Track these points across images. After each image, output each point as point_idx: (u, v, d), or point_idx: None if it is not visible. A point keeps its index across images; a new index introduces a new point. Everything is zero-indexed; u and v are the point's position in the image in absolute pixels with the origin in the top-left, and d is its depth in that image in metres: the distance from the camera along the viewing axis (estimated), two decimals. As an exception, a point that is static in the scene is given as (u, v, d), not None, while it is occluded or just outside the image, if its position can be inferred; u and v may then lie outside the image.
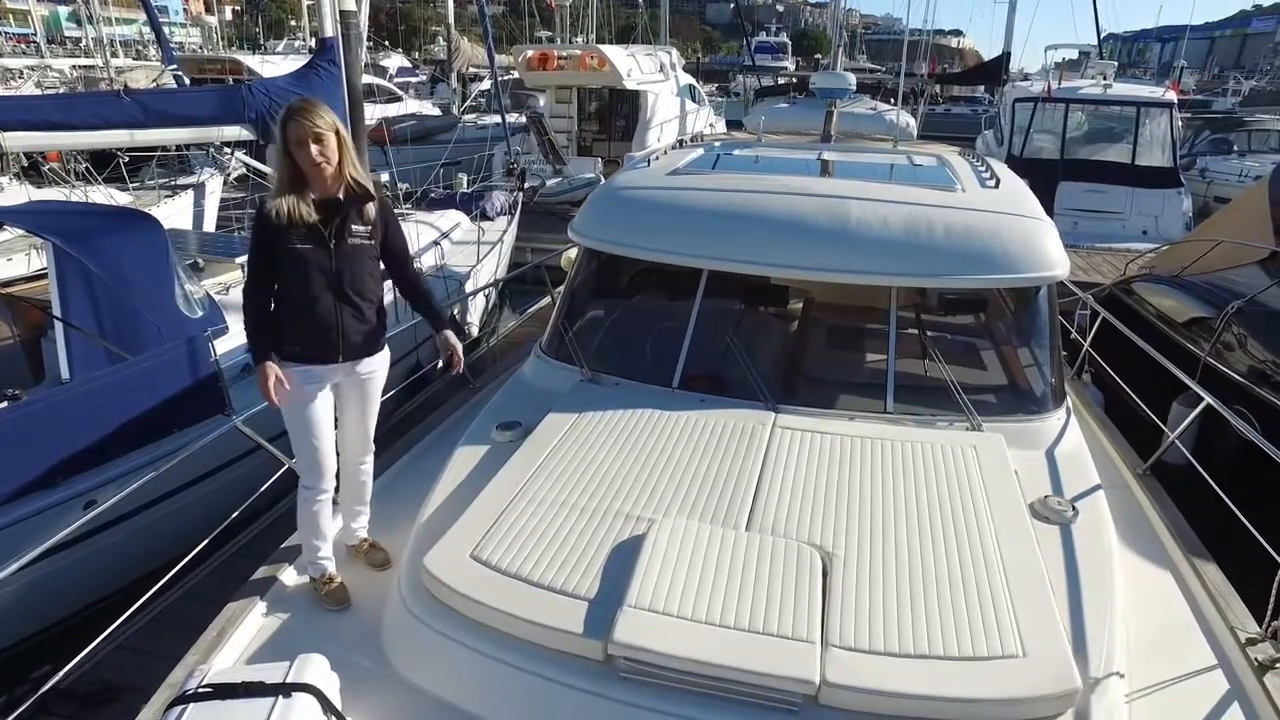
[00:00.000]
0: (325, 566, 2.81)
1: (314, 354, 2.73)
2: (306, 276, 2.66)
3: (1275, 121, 16.60)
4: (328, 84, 6.48)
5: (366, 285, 2.77)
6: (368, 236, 2.74)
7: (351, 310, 2.74)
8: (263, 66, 13.95)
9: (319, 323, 2.70)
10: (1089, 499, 2.81)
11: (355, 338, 2.77)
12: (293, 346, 2.72)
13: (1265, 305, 5.58)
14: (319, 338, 2.72)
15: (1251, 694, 2.34)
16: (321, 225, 2.64)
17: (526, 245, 10.37)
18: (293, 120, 2.55)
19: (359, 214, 2.71)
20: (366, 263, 2.76)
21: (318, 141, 2.56)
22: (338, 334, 2.73)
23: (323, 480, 2.79)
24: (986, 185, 3.89)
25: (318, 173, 2.60)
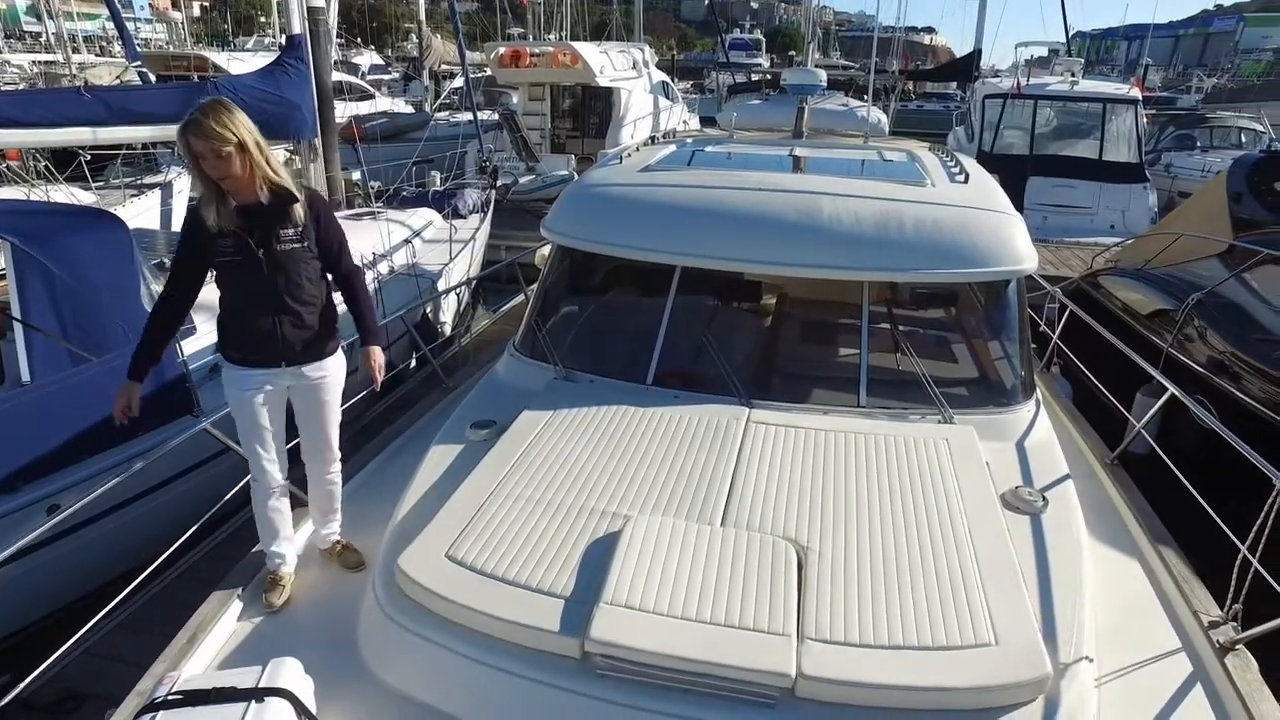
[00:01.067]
0: (277, 564, 2.79)
1: (255, 360, 2.67)
2: (240, 287, 2.59)
3: (1235, 118, 16.97)
4: (296, 82, 6.39)
5: (304, 290, 2.67)
6: (298, 239, 2.62)
7: (291, 318, 2.65)
8: (230, 64, 13.75)
9: (258, 332, 2.63)
10: (1058, 489, 2.85)
11: (298, 344, 2.69)
12: (233, 352, 2.68)
13: (1223, 297, 5.71)
14: (259, 345, 2.65)
15: (1213, 674, 2.41)
16: (247, 234, 2.54)
17: (500, 243, 10.32)
18: (185, 136, 2.41)
19: (285, 217, 2.59)
20: (302, 267, 2.65)
21: (217, 156, 2.42)
22: (278, 341, 2.66)
23: (267, 478, 2.75)
24: (956, 180, 3.93)
25: (229, 183, 2.49)
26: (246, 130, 2.45)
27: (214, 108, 2.43)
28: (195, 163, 2.44)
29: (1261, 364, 4.87)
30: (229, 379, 2.70)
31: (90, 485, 3.09)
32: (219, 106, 2.44)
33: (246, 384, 2.67)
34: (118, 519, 4.11)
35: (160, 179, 9.40)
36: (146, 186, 9.11)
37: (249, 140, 2.45)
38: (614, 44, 16.62)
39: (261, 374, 2.68)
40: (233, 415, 2.74)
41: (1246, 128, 16.31)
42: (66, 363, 4.10)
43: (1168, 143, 16.30)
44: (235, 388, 2.68)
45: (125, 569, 4.02)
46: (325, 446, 2.90)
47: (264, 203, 2.55)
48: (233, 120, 2.43)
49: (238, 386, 2.68)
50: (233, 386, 2.69)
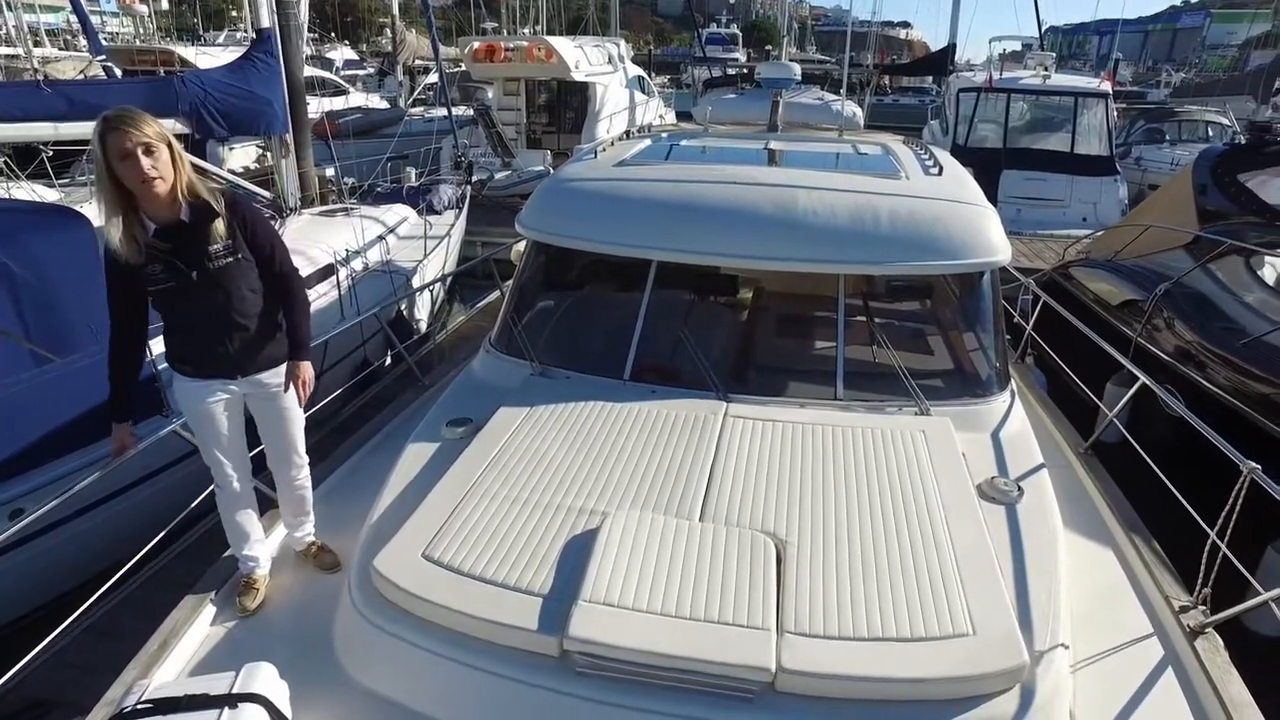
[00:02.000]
0: (250, 567, 2.74)
1: (205, 373, 2.58)
2: (180, 313, 2.48)
3: (1202, 112, 17.26)
4: (266, 77, 6.30)
5: (247, 303, 2.54)
6: (230, 252, 2.47)
7: (240, 334, 2.55)
8: (199, 59, 13.52)
9: (205, 351, 2.54)
10: (1033, 478, 2.87)
11: (249, 354, 2.60)
12: (184, 365, 2.59)
13: (1189, 287, 5.81)
14: (209, 362, 2.57)
15: (1183, 657, 2.45)
16: (175, 257, 2.37)
17: (476, 239, 10.26)
18: (112, 131, 2.18)
19: (209, 234, 2.42)
20: (240, 280, 2.51)
21: (147, 154, 2.21)
22: (227, 357, 2.57)
23: (231, 484, 2.70)
24: (930, 172, 3.95)
25: (149, 191, 2.25)
26: (167, 131, 2.30)
27: (126, 109, 2.25)
28: (110, 170, 2.22)
29: (1225, 352, 4.96)
30: (182, 390, 2.62)
31: (56, 488, 3.03)
32: (131, 109, 2.26)
33: (201, 394, 2.59)
34: (85, 522, 4.03)
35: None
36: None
37: (172, 139, 2.30)
38: (589, 38, 16.57)
39: (217, 383, 2.60)
40: (190, 425, 2.68)
41: (1213, 121, 16.60)
42: (30, 363, 4.01)
43: (1138, 136, 16.54)
44: (189, 399, 2.61)
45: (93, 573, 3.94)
46: (291, 452, 2.83)
47: (185, 220, 2.38)
48: (154, 119, 2.28)
49: (192, 397, 2.60)
50: (187, 398, 2.61)
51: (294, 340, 2.73)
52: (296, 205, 8.12)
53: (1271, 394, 4.50)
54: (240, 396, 2.68)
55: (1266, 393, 4.53)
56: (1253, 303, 5.31)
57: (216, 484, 2.72)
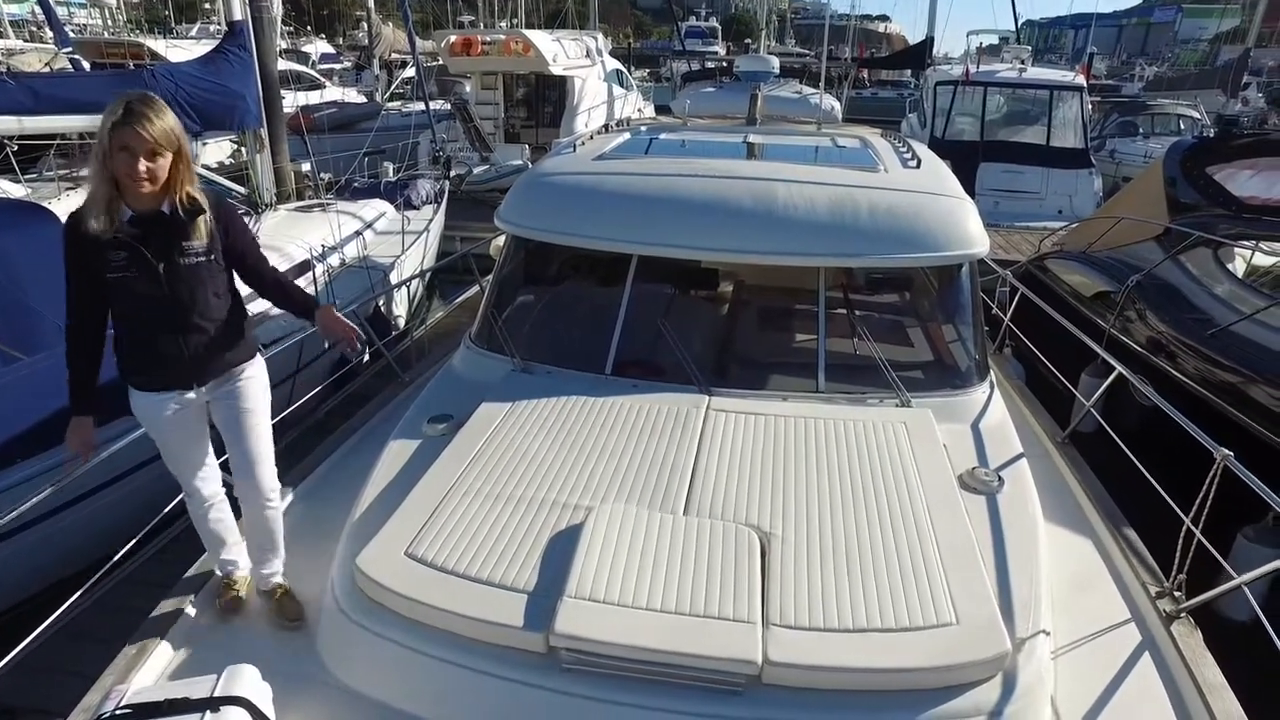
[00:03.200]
0: (229, 570, 2.65)
1: (162, 383, 2.42)
2: (137, 307, 2.32)
3: (1175, 105, 17.51)
4: (239, 70, 6.20)
5: (211, 306, 2.42)
6: (204, 252, 2.37)
7: (198, 336, 2.40)
8: (170, 51, 13.28)
9: (161, 354, 2.38)
10: (1013, 468, 2.90)
11: (207, 360, 2.45)
12: (137, 376, 2.43)
13: (1160, 279, 5.90)
14: (165, 368, 2.40)
15: (1160, 642, 2.49)
16: (144, 245, 2.26)
17: (455, 234, 10.19)
18: (126, 125, 2.11)
19: (189, 230, 2.33)
20: (208, 282, 2.40)
21: (150, 158, 2.16)
22: (185, 363, 2.41)
23: (201, 493, 2.57)
24: (908, 165, 3.96)
25: (133, 187, 2.19)
26: (181, 134, 2.24)
27: (151, 101, 2.16)
28: (107, 158, 2.15)
29: (1194, 342, 5.04)
30: (136, 405, 2.46)
31: (24, 490, 2.97)
32: (156, 101, 2.18)
33: (156, 409, 2.44)
34: (56, 523, 3.95)
35: (98, 171, 9.04)
36: (83, 179, 8.75)
37: (183, 145, 2.24)
38: (567, 32, 16.47)
39: (172, 395, 2.44)
40: (151, 437, 2.53)
41: (1185, 114, 16.85)
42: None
43: (1112, 129, 16.75)
44: (145, 412, 2.46)
45: (63, 575, 3.86)
46: (256, 461, 2.57)
47: (164, 212, 2.29)
48: (173, 120, 2.21)
49: (148, 410, 2.45)
50: (142, 411, 2.47)
51: (303, 300, 2.67)
52: (272, 201, 8.01)
53: (1237, 383, 4.58)
54: (202, 404, 2.52)
55: (1232, 382, 4.61)
56: (1220, 294, 5.40)
57: (186, 493, 2.61)
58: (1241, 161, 6.96)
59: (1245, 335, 4.83)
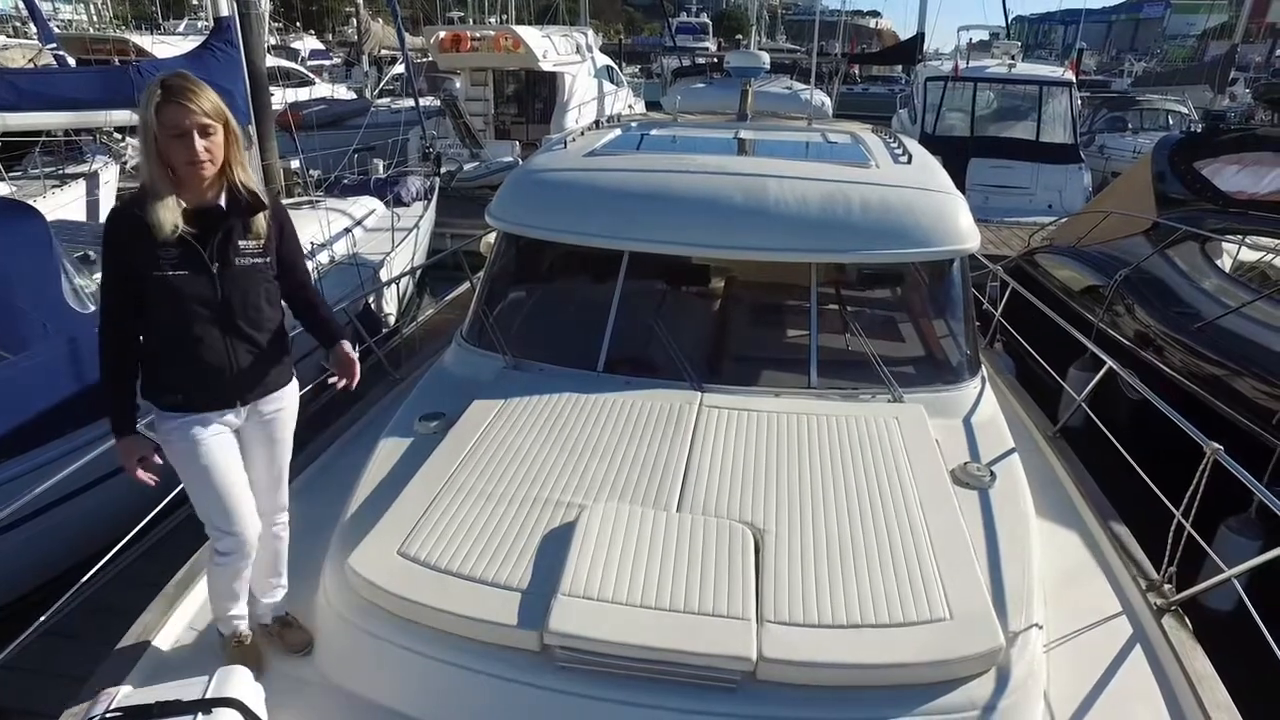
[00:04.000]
0: (237, 625, 2.41)
1: (203, 403, 2.20)
2: (185, 311, 2.10)
3: (1163, 101, 17.62)
4: (225, 67, 6.15)
5: (263, 314, 2.25)
6: (260, 253, 2.20)
7: (247, 346, 2.22)
8: (156, 47, 13.16)
9: (206, 367, 2.17)
10: (1005, 463, 2.90)
11: (254, 377, 2.26)
12: (173, 395, 2.18)
13: (1147, 273, 5.95)
14: (207, 385, 2.19)
15: (1151, 635, 2.51)
16: (199, 243, 2.08)
17: (445, 231, 10.15)
18: (170, 103, 1.95)
19: (247, 227, 2.16)
20: (261, 287, 2.23)
21: (204, 134, 2.00)
22: (230, 377, 2.21)
23: (244, 547, 2.28)
24: (899, 161, 3.96)
25: (194, 174, 2.04)
26: (226, 108, 2.07)
27: (186, 76, 2.00)
28: (157, 142, 1.99)
29: (1180, 336, 5.08)
30: (169, 431, 2.19)
31: (11, 489, 2.94)
32: (190, 76, 2.02)
33: (196, 431, 2.18)
34: (43, 522, 3.92)
35: (84, 169, 8.97)
36: (69, 177, 8.67)
37: (230, 118, 2.07)
38: (556, 28, 16.43)
39: (213, 416, 2.21)
40: (178, 471, 2.25)
41: (1173, 110, 16.97)
42: (-19, 362, 3.89)
43: (1101, 124, 16.84)
44: (179, 440, 2.18)
45: (51, 575, 3.83)
46: (275, 491, 2.46)
47: (221, 206, 2.13)
48: (213, 93, 2.03)
49: (182, 439, 2.18)
50: (176, 439, 2.19)
51: (333, 329, 2.52)
52: (260, 198, 7.94)
53: (1222, 376, 4.61)
54: (236, 429, 2.30)
55: (1218, 375, 4.65)
56: (1206, 288, 5.45)
57: (217, 544, 2.28)
58: (1228, 156, 7.01)
59: (1230, 329, 4.87)
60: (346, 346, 2.49)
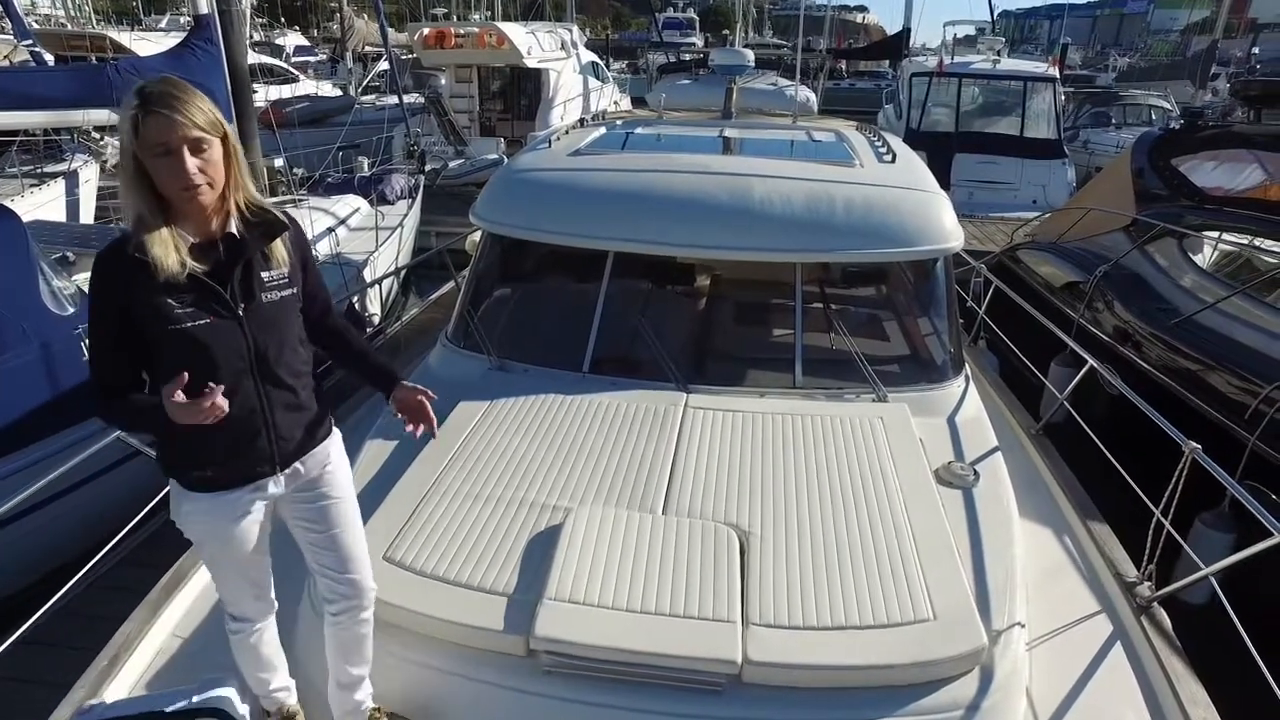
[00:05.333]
0: (282, 700, 2.17)
1: (238, 475, 1.84)
2: (211, 367, 1.70)
3: (1146, 96, 17.75)
4: (205, 65, 6.08)
5: (299, 356, 1.90)
6: (286, 283, 1.83)
7: (287, 398, 1.86)
8: (136, 44, 13.01)
9: (241, 431, 1.80)
10: (988, 462, 2.92)
11: (295, 434, 1.90)
12: (201, 471, 1.81)
13: (1126, 269, 6.00)
14: (242, 451, 1.82)
15: (1131, 632, 2.53)
16: (216, 282, 1.70)
17: (430, 229, 10.10)
18: (153, 114, 1.56)
19: (266, 255, 1.79)
20: (294, 324, 1.88)
21: (195, 151, 1.61)
22: (270, 438, 1.85)
23: (259, 616, 2.05)
24: (884, 159, 3.97)
25: (190, 201, 1.64)
26: (222, 116, 1.70)
27: (170, 81, 1.63)
28: (141, 165, 1.61)
29: (1158, 331, 5.13)
30: (192, 514, 1.86)
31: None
32: (176, 80, 1.65)
33: (225, 513, 1.85)
34: (21, 528, 3.87)
35: (63, 168, 8.86)
36: (48, 176, 8.56)
37: (228, 129, 1.70)
38: (541, 24, 16.37)
39: (247, 490, 1.86)
40: (196, 548, 1.98)
41: (1156, 105, 17.09)
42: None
43: (1085, 119, 16.94)
44: (206, 519, 1.86)
45: (30, 581, 3.78)
46: (359, 561, 2.04)
47: (234, 234, 1.74)
48: (205, 98, 1.66)
49: (210, 522, 1.86)
50: (200, 521, 1.87)
51: (383, 366, 2.17)
52: (243, 197, 7.87)
53: (1197, 371, 4.66)
54: (273, 500, 1.95)
55: (1193, 370, 4.70)
56: (1184, 284, 5.51)
57: (233, 618, 2.04)
58: (1205, 153, 7.06)
59: (1206, 324, 4.93)
60: (408, 386, 2.11)
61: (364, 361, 2.17)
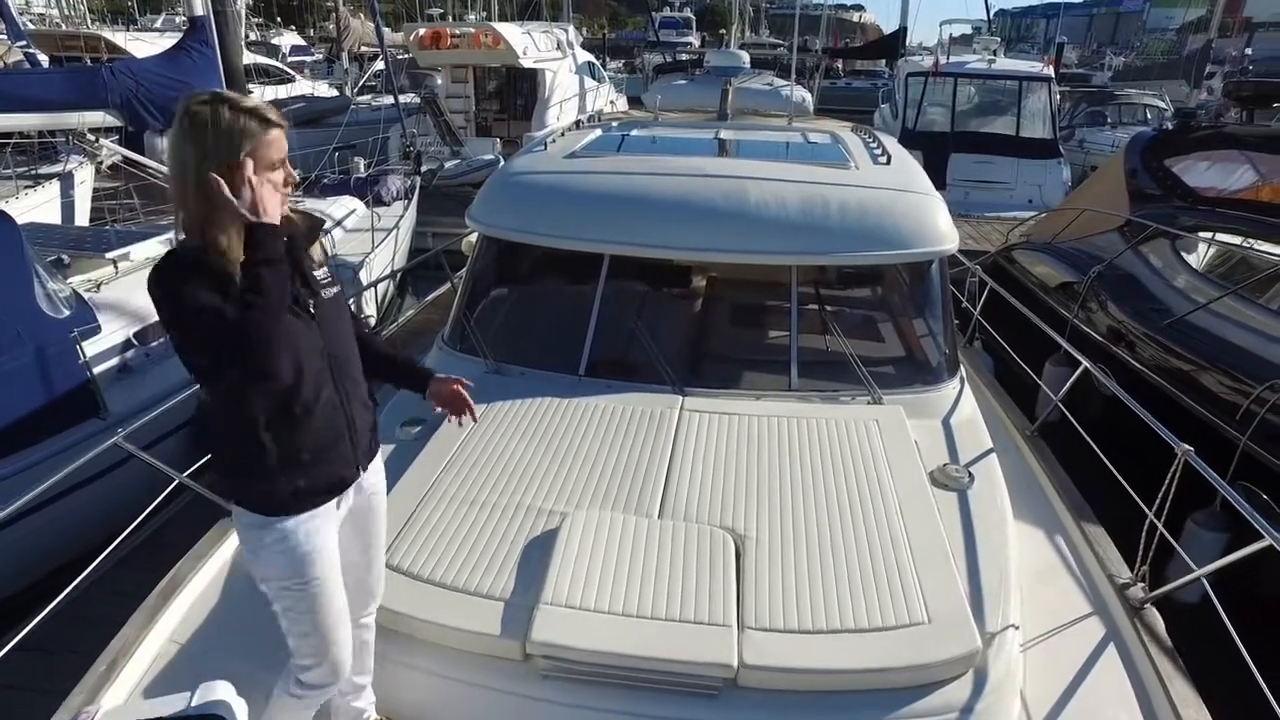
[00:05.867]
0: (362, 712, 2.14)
1: (325, 486, 1.78)
2: (296, 368, 1.66)
3: (1141, 95, 17.78)
4: (200, 66, 6.09)
5: (356, 354, 1.89)
6: (333, 282, 1.83)
7: (360, 394, 1.87)
8: (132, 45, 12.96)
9: (328, 436, 1.76)
10: (983, 464, 2.93)
11: (366, 437, 1.90)
12: (289, 484, 1.71)
13: (1120, 269, 6.01)
14: (330, 460, 1.78)
15: (1125, 633, 2.54)
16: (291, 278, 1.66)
17: (427, 229, 10.09)
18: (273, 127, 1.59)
19: (309, 253, 1.79)
20: (349, 321, 1.90)
21: (281, 167, 1.63)
22: (351, 440, 1.82)
23: (338, 679, 1.93)
24: (878, 161, 3.98)
25: (282, 206, 1.65)
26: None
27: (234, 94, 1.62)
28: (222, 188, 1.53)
29: (1151, 332, 5.14)
30: (278, 542, 1.73)
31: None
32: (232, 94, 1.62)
33: (314, 539, 1.74)
34: (14, 532, 3.86)
35: (58, 169, 8.83)
36: (43, 177, 8.54)
37: None
38: (536, 24, 16.36)
39: (331, 511, 1.80)
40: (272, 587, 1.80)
41: (1151, 104, 17.12)
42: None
43: (1081, 119, 16.96)
44: (292, 550, 1.74)
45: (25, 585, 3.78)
46: (375, 579, 2.08)
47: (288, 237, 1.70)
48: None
49: (296, 548, 1.73)
50: (287, 548, 1.73)
51: (412, 364, 2.23)
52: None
53: (1190, 371, 4.68)
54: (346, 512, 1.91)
55: (1186, 370, 4.72)
56: (1176, 284, 5.52)
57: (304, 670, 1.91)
58: (1198, 154, 7.08)
59: (1199, 325, 4.95)
60: (442, 378, 2.19)
61: (393, 364, 2.18)
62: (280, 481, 1.71)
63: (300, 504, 1.74)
